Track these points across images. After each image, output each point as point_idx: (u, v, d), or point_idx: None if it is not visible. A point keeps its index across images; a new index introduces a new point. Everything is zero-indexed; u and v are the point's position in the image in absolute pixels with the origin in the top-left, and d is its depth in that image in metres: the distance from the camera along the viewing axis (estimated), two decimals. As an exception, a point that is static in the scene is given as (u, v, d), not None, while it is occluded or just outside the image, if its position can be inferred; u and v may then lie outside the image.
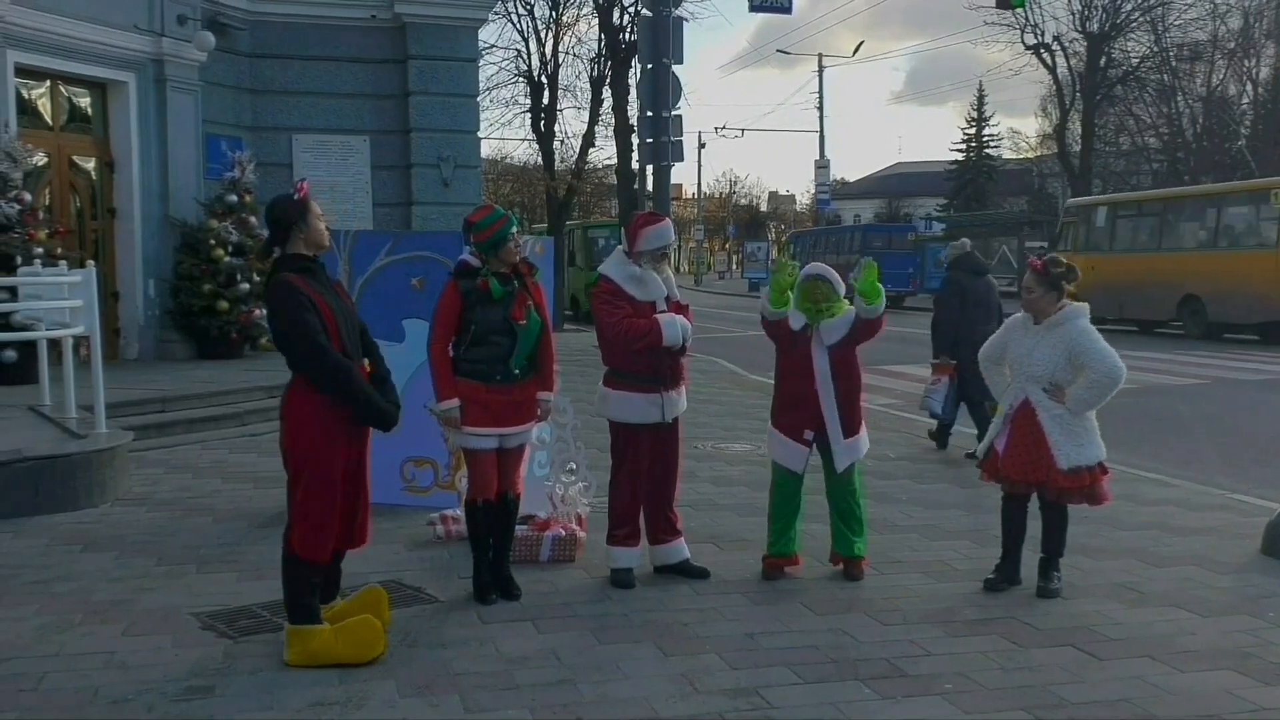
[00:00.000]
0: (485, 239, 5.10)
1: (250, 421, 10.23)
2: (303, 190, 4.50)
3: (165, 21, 13.38)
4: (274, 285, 4.37)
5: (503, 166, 39.78)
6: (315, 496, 4.35)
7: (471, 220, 5.18)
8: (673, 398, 5.52)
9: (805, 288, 5.58)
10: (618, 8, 23.72)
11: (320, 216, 4.52)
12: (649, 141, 14.79)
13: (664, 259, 5.58)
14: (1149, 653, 4.58)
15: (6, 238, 10.88)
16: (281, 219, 4.44)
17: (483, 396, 5.13)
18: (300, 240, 4.44)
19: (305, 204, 4.45)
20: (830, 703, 4.07)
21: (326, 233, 4.56)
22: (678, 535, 5.69)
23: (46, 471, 7.02)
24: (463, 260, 5.21)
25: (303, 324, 4.26)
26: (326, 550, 4.44)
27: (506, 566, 5.33)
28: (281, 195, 4.56)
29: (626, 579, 5.50)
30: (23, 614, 5.01)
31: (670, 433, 5.60)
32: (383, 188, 15.78)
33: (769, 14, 21.50)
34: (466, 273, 5.15)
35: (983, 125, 54.51)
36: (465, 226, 5.21)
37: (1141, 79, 39.77)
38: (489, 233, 5.10)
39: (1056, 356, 5.24)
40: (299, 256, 4.43)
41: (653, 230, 5.50)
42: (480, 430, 5.15)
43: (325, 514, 4.37)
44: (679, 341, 5.41)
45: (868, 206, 70.93)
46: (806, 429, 5.58)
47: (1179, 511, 7.14)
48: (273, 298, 4.36)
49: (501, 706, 4.00)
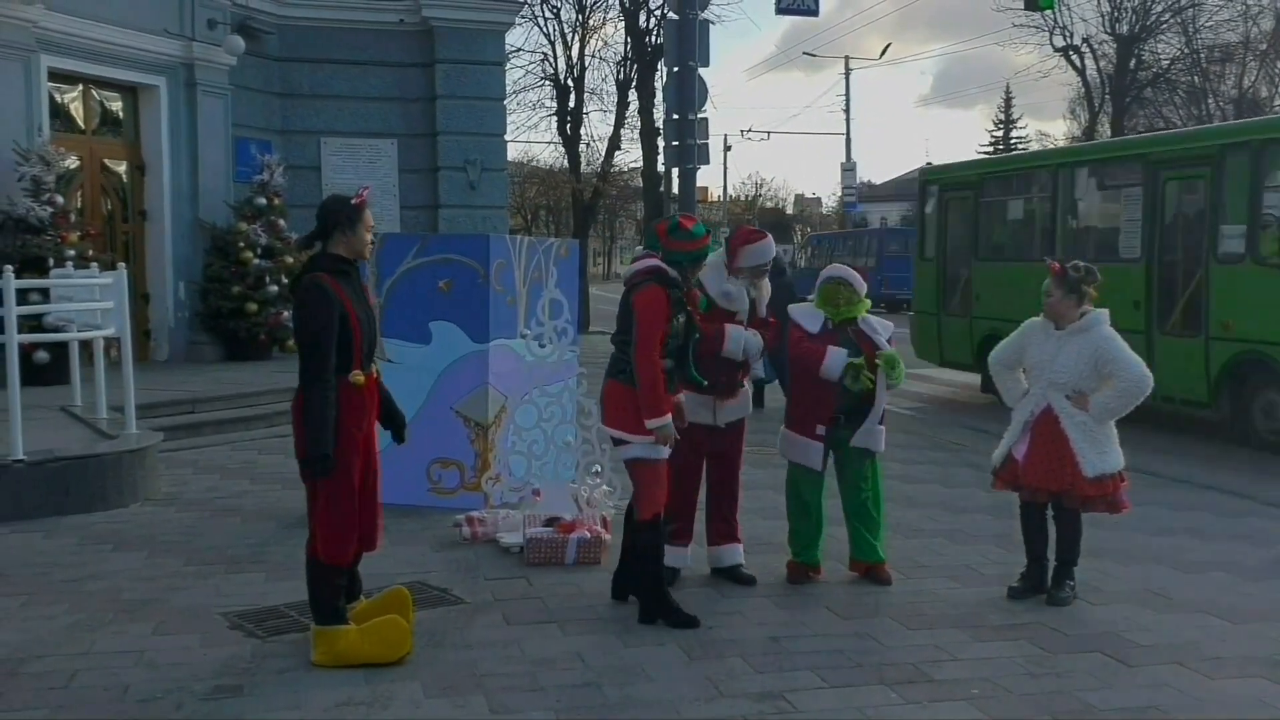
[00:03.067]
0: (696, 249, 4.98)
1: (278, 423, 10.28)
2: (361, 197, 4.50)
3: (195, 26, 13.51)
4: (308, 283, 4.37)
5: (529, 169, 39.88)
6: (335, 504, 4.37)
7: (684, 225, 5.02)
8: (727, 405, 5.50)
9: (826, 290, 5.58)
10: (644, 11, 23.76)
11: (370, 228, 4.53)
12: (675, 144, 14.77)
13: (763, 276, 5.53)
14: (1178, 659, 4.55)
15: (39, 240, 11.02)
16: (331, 218, 4.45)
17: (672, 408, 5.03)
18: (342, 243, 4.44)
19: (359, 211, 4.46)
20: (855, 706, 4.06)
21: (370, 245, 4.58)
22: (735, 540, 5.68)
23: (78, 471, 7.09)
24: (659, 266, 4.96)
25: (322, 343, 4.27)
26: (349, 553, 4.48)
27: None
28: (340, 195, 4.60)
29: (670, 578, 5.47)
30: (54, 612, 5.07)
31: (728, 439, 5.58)
32: (410, 191, 15.86)
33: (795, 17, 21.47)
34: (673, 282, 4.94)
35: (1010, 128, 54.27)
36: (673, 228, 5.01)
37: (1172, 81, 39.44)
38: (701, 243, 4.99)
39: (1081, 364, 5.18)
40: (338, 258, 4.44)
41: (753, 248, 5.45)
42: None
43: (346, 520, 4.41)
44: (738, 354, 5.39)
45: (894, 209, 70.60)
46: (819, 424, 5.54)
47: (1208, 518, 7.08)
48: (304, 296, 4.36)
49: (526, 708, 4.01)
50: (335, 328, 4.29)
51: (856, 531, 5.65)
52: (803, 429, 5.59)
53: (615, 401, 5.00)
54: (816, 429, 5.54)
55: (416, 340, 6.86)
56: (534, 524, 6.02)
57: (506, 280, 6.99)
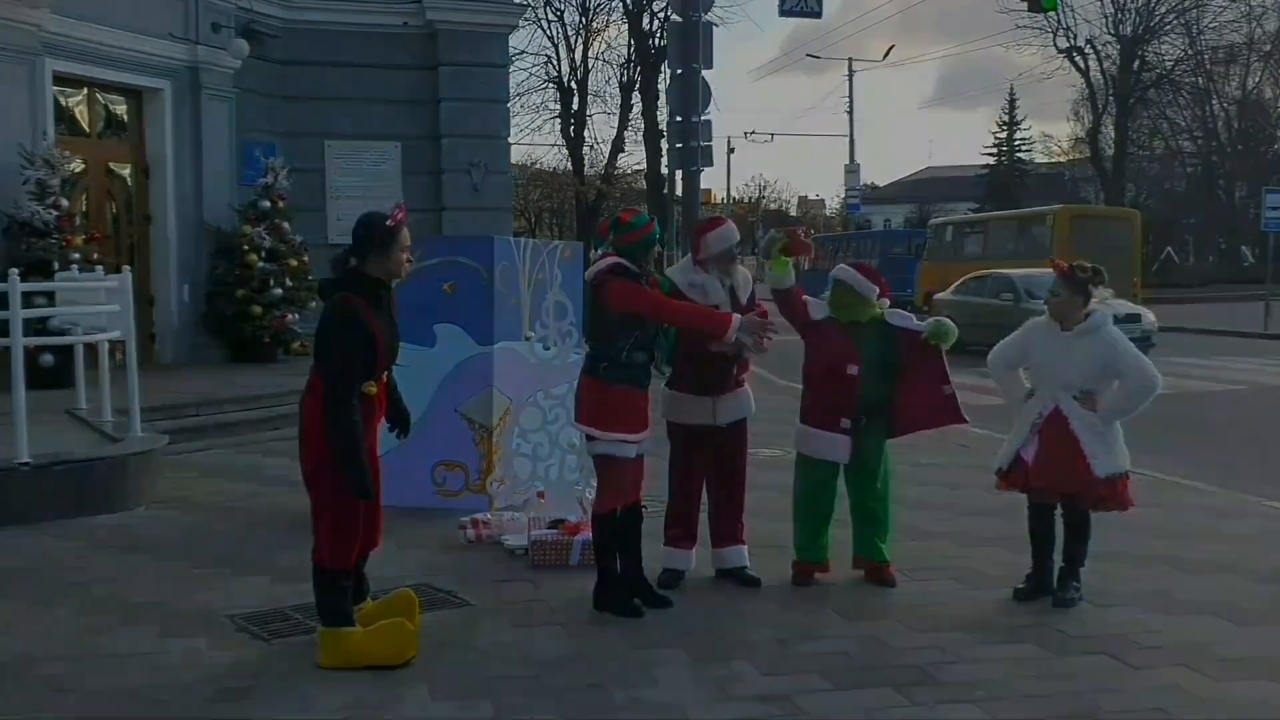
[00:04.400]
0: (639, 240, 5.02)
1: (283, 425, 10.28)
2: (397, 219, 4.36)
3: (200, 29, 13.53)
4: (337, 304, 4.29)
5: (532, 172, 39.92)
6: (339, 510, 4.37)
7: (624, 220, 5.09)
8: (726, 401, 5.50)
9: (834, 294, 5.58)
10: (647, 13, 23.83)
11: (406, 248, 4.41)
12: (678, 146, 14.79)
13: (732, 261, 5.55)
14: (1184, 661, 4.54)
15: (44, 243, 11.01)
16: (366, 236, 4.33)
17: (639, 404, 5.05)
18: (377, 265, 4.35)
19: (395, 232, 4.34)
20: (862, 709, 4.06)
21: (406, 265, 4.47)
22: (738, 542, 5.68)
23: (83, 474, 7.11)
24: (617, 262, 5.01)
25: (349, 368, 4.24)
26: (351, 557, 4.48)
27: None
28: (377, 213, 4.44)
29: (672, 581, 5.50)
30: (61, 615, 5.08)
31: (730, 439, 5.57)
32: (414, 193, 15.81)
33: (799, 19, 21.46)
34: (634, 274, 4.99)
35: (1014, 129, 54.24)
36: (615, 225, 5.10)
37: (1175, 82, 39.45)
38: (644, 234, 5.03)
39: (1090, 365, 5.16)
40: (374, 281, 4.36)
41: (714, 234, 5.48)
42: (634, 437, 5.05)
43: (350, 524, 4.41)
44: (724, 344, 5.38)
45: (898, 211, 70.63)
46: (843, 418, 5.51)
47: (1214, 519, 7.06)
48: (333, 316, 4.28)
49: (532, 710, 4.02)
50: (361, 353, 4.26)
51: (862, 530, 5.65)
52: (825, 423, 5.54)
53: (586, 398, 5.06)
54: (841, 423, 5.50)
55: (421, 343, 6.86)
56: (539, 526, 6.03)
57: (511, 283, 6.99)
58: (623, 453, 5.04)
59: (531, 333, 7.09)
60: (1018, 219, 29.01)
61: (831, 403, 5.52)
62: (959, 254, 29.36)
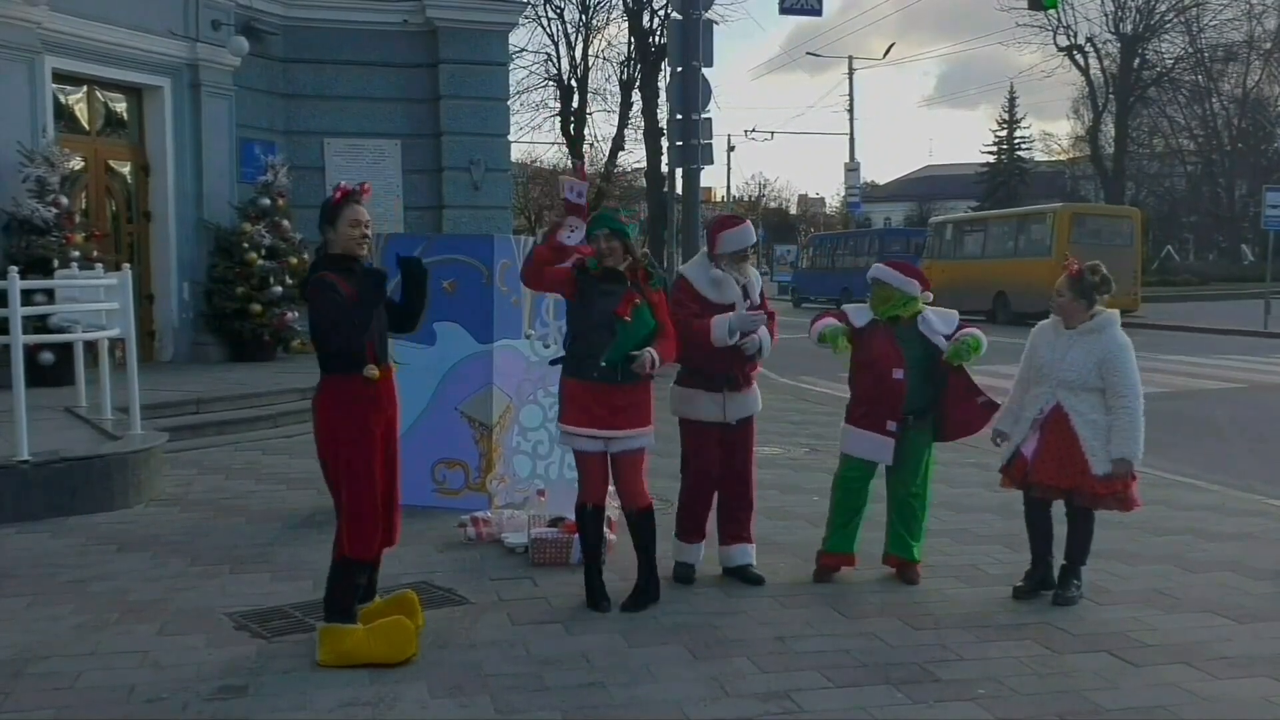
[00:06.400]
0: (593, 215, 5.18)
1: (283, 423, 10.30)
2: (336, 198, 4.44)
3: (200, 27, 13.53)
4: (312, 282, 4.38)
5: (532, 170, 39.92)
6: (359, 495, 4.41)
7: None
8: (736, 399, 5.51)
9: (874, 294, 5.59)
10: (648, 11, 23.81)
11: (356, 224, 4.42)
12: (679, 144, 14.78)
13: (745, 260, 5.57)
14: (1184, 659, 4.54)
15: (44, 241, 11.03)
16: (320, 216, 4.47)
17: (577, 394, 5.04)
18: (334, 242, 4.44)
19: (337, 209, 4.42)
20: (861, 707, 4.05)
21: (361, 241, 4.46)
22: (745, 540, 5.68)
23: (83, 472, 7.10)
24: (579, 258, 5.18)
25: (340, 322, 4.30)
26: (374, 547, 4.50)
27: (654, 576, 5.24)
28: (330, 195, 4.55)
29: (685, 574, 5.53)
30: (59, 613, 5.07)
31: (738, 436, 5.58)
32: (414, 191, 15.88)
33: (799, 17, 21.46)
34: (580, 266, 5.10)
35: (1014, 128, 54.21)
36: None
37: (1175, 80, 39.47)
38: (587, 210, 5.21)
39: (1089, 363, 5.16)
40: (336, 257, 4.43)
41: (730, 233, 5.50)
42: (578, 430, 5.05)
43: (371, 511, 4.43)
44: (725, 340, 5.36)
45: (898, 209, 70.65)
46: (890, 420, 5.50)
47: (1214, 517, 7.06)
48: (309, 291, 4.39)
49: (532, 708, 4.01)
50: (347, 307, 4.27)
51: (895, 528, 5.66)
52: (872, 424, 5.53)
53: (564, 397, 5.13)
54: (888, 425, 5.49)
55: (421, 341, 6.85)
56: (539, 524, 6.02)
57: (511, 281, 6.98)
58: (577, 445, 5.10)
59: (531, 331, 7.08)
60: (1018, 217, 29.15)
61: (878, 405, 5.51)
62: (959, 252, 29.63)
